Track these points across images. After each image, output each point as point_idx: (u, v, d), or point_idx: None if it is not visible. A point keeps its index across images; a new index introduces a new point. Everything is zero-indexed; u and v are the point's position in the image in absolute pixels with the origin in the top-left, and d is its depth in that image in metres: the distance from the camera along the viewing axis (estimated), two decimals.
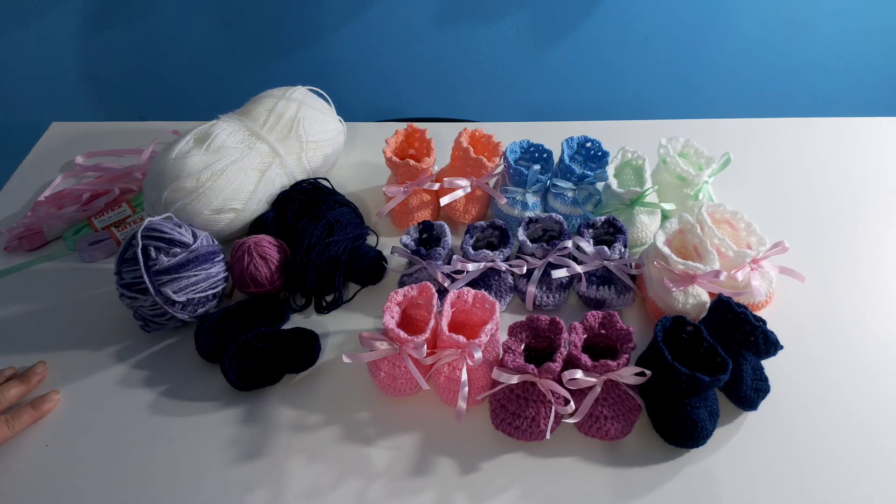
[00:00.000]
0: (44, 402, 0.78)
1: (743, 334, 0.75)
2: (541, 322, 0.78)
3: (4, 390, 0.77)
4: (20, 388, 0.79)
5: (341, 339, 0.87)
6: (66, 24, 1.62)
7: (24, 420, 0.76)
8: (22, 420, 0.76)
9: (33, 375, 0.81)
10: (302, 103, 1.02)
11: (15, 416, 0.75)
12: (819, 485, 0.71)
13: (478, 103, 1.84)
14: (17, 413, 0.76)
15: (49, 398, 0.79)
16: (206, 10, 1.62)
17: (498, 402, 0.75)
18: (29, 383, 0.80)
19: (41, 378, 0.82)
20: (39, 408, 0.77)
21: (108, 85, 1.76)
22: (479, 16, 1.65)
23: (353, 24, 1.66)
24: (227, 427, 0.76)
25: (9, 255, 0.99)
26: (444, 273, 0.86)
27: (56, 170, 1.14)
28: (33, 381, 0.80)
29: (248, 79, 1.74)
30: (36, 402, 0.78)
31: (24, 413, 0.76)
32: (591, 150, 1.03)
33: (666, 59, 1.74)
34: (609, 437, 0.73)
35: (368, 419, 0.77)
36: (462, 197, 0.99)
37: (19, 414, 0.76)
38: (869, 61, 1.73)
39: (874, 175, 1.09)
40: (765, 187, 1.07)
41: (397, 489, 0.71)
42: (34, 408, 0.77)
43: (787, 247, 0.86)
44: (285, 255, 0.90)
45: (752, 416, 0.76)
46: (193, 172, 0.90)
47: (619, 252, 0.87)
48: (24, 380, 0.80)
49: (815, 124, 1.21)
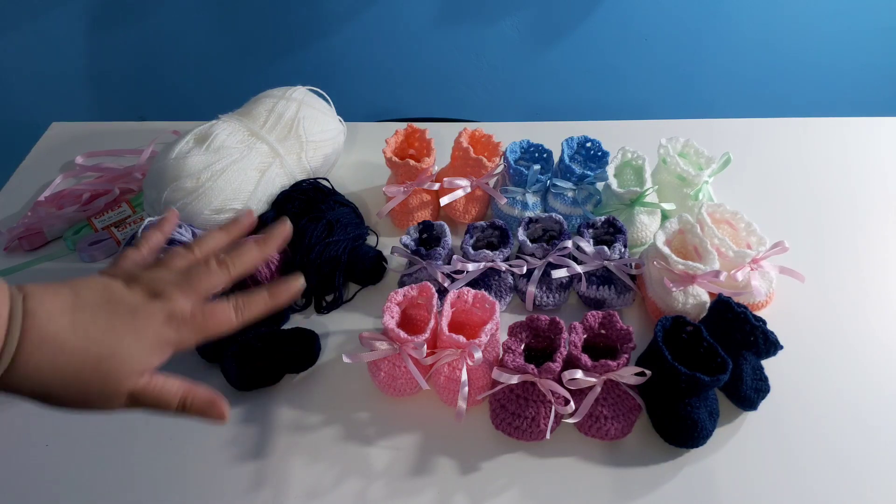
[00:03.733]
0: (282, 290, 0.55)
1: (743, 334, 0.75)
2: (541, 322, 0.78)
3: (240, 257, 0.56)
4: (256, 255, 0.57)
5: (341, 339, 0.87)
6: (66, 24, 1.62)
7: (256, 308, 0.54)
8: (254, 308, 0.54)
9: (271, 240, 0.58)
10: (302, 103, 1.02)
11: (248, 304, 0.54)
12: (819, 485, 0.71)
13: (478, 103, 1.84)
14: (250, 300, 0.54)
15: (290, 286, 0.56)
16: (206, 10, 1.62)
17: (498, 402, 0.75)
18: (265, 249, 0.57)
19: (280, 242, 0.58)
20: (276, 297, 0.55)
21: (108, 85, 1.76)
22: (479, 16, 1.66)
23: (353, 25, 1.66)
24: (227, 427, 0.76)
25: (9, 255, 0.99)
26: (444, 273, 0.86)
27: (56, 170, 1.14)
28: (270, 245, 0.58)
29: (248, 79, 1.74)
30: (274, 291, 0.55)
31: (259, 302, 0.55)
32: (591, 150, 1.03)
33: (666, 59, 1.74)
34: (609, 437, 0.73)
35: (368, 419, 0.77)
36: (462, 197, 0.99)
37: (252, 301, 0.54)
38: (869, 61, 1.73)
39: (874, 175, 1.09)
40: (765, 187, 1.07)
41: (397, 489, 0.71)
42: (272, 297, 0.55)
43: (787, 247, 0.86)
44: (285, 255, 0.90)
45: (752, 416, 0.76)
46: (193, 172, 0.90)
47: (619, 252, 0.87)
48: (261, 244, 0.57)
49: (815, 124, 1.21)
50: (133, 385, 0.49)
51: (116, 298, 0.50)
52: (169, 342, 0.51)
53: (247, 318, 0.54)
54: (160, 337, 0.50)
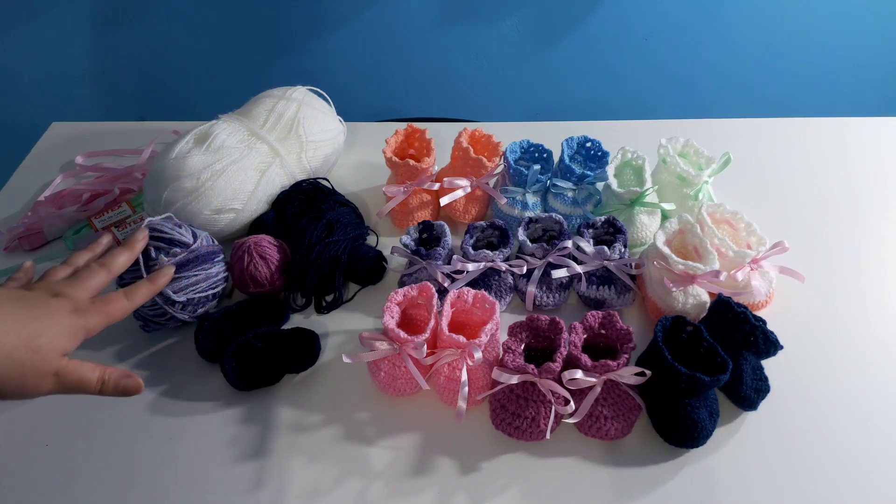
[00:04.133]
0: (160, 275, 0.73)
1: (743, 334, 0.75)
2: (541, 322, 0.78)
3: (113, 257, 0.70)
4: (127, 255, 0.72)
5: (341, 339, 0.87)
6: (67, 25, 1.62)
7: (142, 293, 0.69)
8: (140, 293, 0.69)
9: (136, 242, 0.74)
10: (302, 103, 1.02)
11: (134, 291, 0.68)
12: (819, 485, 0.71)
13: (478, 103, 1.84)
14: (135, 287, 0.69)
15: (164, 272, 0.73)
16: (206, 10, 1.62)
17: (498, 402, 0.75)
18: (133, 250, 0.73)
19: (144, 242, 0.76)
20: (155, 281, 0.72)
21: (109, 85, 1.76)
22: (479, 16, 1.66)
23: (353, 24, 1.66)
24: (227, 427, 0.76)
25: (9, 255, 0.99)
26: (444, 273, 0.86)
27: (56, 170, 1.14)
28: (137, 248, 0.74)
29: (248, 79, 1.74)
30: (152, 276, 0.72)
31: (142, 287, 0.70)
32: (591, 150, 1.03)
33: (666, 59, 1.74)
34: (609, 437, 0.73)
35: (368, 419, 0.77)
36: (462, 197, 0.99)
37: (137, 288, 0.69)
38: (869, 61, 1.73)
39: (874, 175, 1.09)
40: (765, 187, 1.07)
41: (397, 489, 0.71)
42: (151, 282, 0.71)
43: (787, 247, 0.86)
44: (285, 255, 0.90)
45: (752, 416, 0.76)
46: (193, 172, 0.90)
47: (619, 252, 0.87)
48: (128, 247, 0.73)
49: (815, 124, 1.21)
50: (57, 364, 0.58)
51: (24, 297, 0.60)
52: (80, 328, 0.61)
53: (136, 303, 0.67)
54: (72, 324, 0.60)
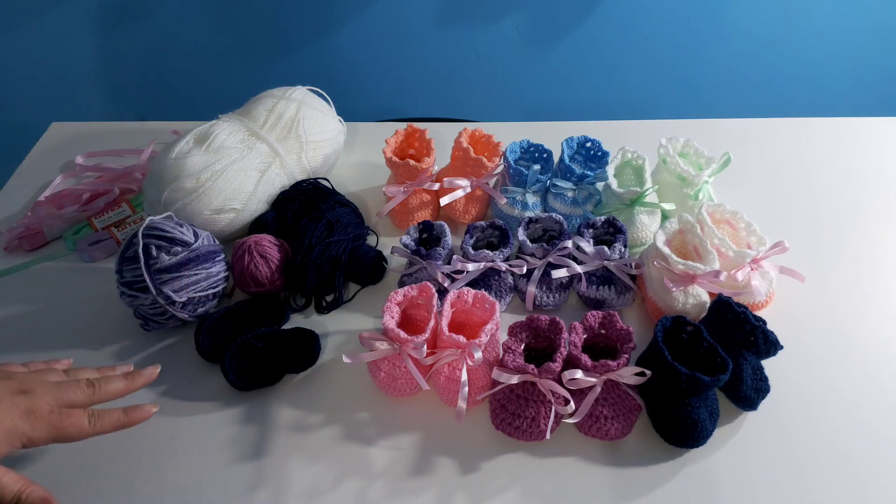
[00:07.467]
0: (137, 411, 0.67)
1: (743, 334, 0.75)
2: (541, 322, 0.78)
3: (108, 383, 0.68)
4: (122, 385, 0.69)
5: (341, 339, 0.87)
6: (67, 25, 1.62)
7: (109, 422, 0.65)
8: (107, 421, 0.65)
9: (139, 377, 0.71)
10: (302, 103, 1.02)
11: (102, 416, 0.65)
12: (819, 485, 0.71)
13: (478, 103, 1.84)
14: (105, 413, 0.65)
15: (144, 409, 0.68)
16: (206, 10, 1.62)
17: (498, 402, 0.75)
18: (132, 384, 0.70)
19: (146, 381, 0.72)
20: (130, 415, 0.67)
21: (109, 85, 1.76)
22: (479, 16, 1.66)
23: (354, 24, 1.66)
24: (227, 427, 0.76)
25: (9, 255, 0.99)
26: (444, 273, 0.86)
27: (56, 170, 1.14)
28: (137, 382, 0.71)
29: (248, 79, 1.74)
30: (129, 410, 0.67)
31: (113, 416, 0.66)
32: (591, 150, 1.03)
33: (666, 59, 1.74)
34: (609, 437, 0.73)
35: (368, 419, 0.77)
36: (462, 197, 0.99)
37: (107, 415, 0.65)
38: (869, 61, 1.73)
39: (874, 175, 1.09)
40: (765, 187, 1.07)
41: (397, 489, 0.71)
42: (125, 414, 0.66)
43: (787, 247, 0.86)
44: (286, 255, 0.90)
45: (752, 416, 0.76)
46: (193, 172, 0.90)
47: (619, 252, 0.87)
48: (129, 379, 0.70)
49: (815, 124, 1.21)
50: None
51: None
52: (21, 434, 0.59)
53: (97, 430, 0.64)
54: (14, 428, 0.58)
